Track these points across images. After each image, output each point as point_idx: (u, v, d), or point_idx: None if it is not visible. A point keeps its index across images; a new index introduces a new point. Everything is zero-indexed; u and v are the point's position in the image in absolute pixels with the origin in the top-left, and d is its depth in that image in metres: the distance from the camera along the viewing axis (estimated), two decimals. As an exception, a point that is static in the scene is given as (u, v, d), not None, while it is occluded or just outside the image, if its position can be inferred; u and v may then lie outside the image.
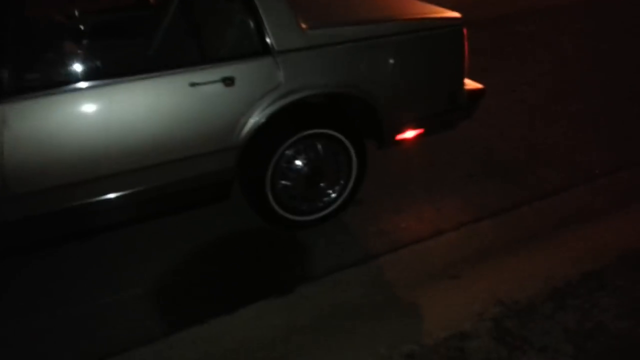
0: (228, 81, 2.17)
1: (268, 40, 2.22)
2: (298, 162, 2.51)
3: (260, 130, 2.32)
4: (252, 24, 2.21)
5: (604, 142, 3.52)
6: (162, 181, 2.21)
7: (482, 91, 2.90)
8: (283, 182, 2.52)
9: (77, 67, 2.07)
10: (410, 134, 2.78)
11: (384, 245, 2.57)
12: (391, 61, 2.50)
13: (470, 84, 2.94)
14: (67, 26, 2.42)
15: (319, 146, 2.54)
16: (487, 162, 3.29)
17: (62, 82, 1.99)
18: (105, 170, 2.07)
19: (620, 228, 2.68)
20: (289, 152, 2.46)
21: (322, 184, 2.61)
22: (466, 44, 2.71)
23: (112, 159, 2.07)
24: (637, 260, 2.45)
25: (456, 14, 2.73)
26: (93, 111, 1.99)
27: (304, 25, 2.30)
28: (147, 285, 2.32)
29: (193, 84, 2.11)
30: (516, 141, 3.53)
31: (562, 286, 2.28)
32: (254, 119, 2.27)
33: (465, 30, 2.69)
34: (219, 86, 2.16)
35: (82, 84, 1.97)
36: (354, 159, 2.62)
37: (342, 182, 2.66)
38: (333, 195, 2.64)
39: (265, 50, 2.23)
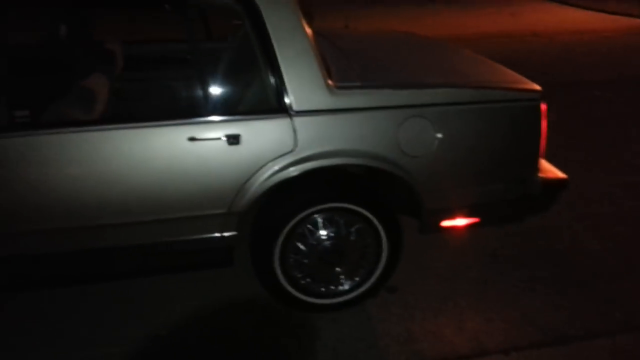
0: (232, 139, 1.92)
1: (286, 97, 1.94)
2: (315, 238, 2.17)
3: (266, 198, 2.03)
4: (269, 77, 1.94)
5: None
6: (149, 239, 2.00)
7: (564, 182, 2.32)
8: (295, 257, 2.18)
9: (71, 108, 1.97)
10: (460, 222, 2.29)
11: (407, 356, 2.09)
12: (439, 135, 2.06)
13: (549, 170, 2.38)
14: (65, 65, 2.38)
15: (341, 222, 2.17)
16: (562, 265, 2.62)
17: (54, 124, 1.87)
18: (88, 220, 1.92)
19: None
20: (303, 226, 2.12)
21: (337, 269, 2.22)
22: (544, 122, 2.18)
23: (97, 209, 1.90)
24: None
25: (535, 86, 2.23)
26: (81, 156, 1.85)
27: (332, 84, 2.00)
28: (123, 347, 2.10)
29: (192, 139, 1.89)
30: (608, 240, 2.81)
31: None
32: (259, 185, 1.98)
33: (544, 106, 2.17)
34: (222, 144, 1.91)
35: (75, 128, 1.84)
36: (384, 240, 2.21)
37: (366, 267, 2.26)
38: (346, 285, 2.24)
39: (281, 109, 1.95)
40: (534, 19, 8.84)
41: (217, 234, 2.05)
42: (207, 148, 1.91)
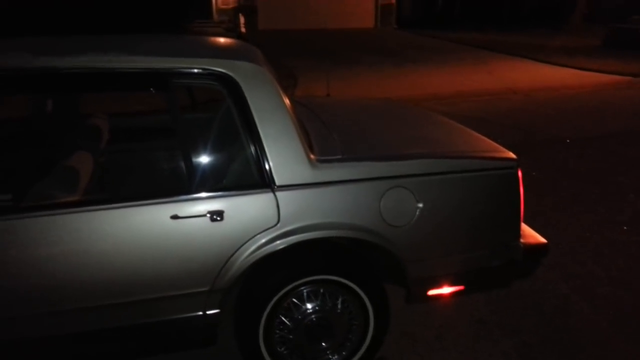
0: (216, 215, 1.92)
1: (268, 172, 1.97)
2: (301, 312, 2.14)
3: (250, 273, 2.01)
4: (252, 153, 1.97)
5: None
6: (129, 321, 1.95)
7: (545, 247, 2.34)
8: (280, 332, 2.14)
9: (54, 190, 1.97)
10: (446, 290, 2.28)
11: None
12: (419, 205, 2.09)
13: (530, 234, 2.40)
14: (49, 142, 2.40)
15: (327, 294, 2.15)
16: (553, 328, 2.60)
17: (32, 207, 1.86)
18: (70, 302, 1.87)
19: None
20: (287, 299, 2.10)
21: (323, 344, 2.18)
22: (521, 189, 2.22)
23: (78, 291, 1.86)
24: None
25: (510, 155, 2.29)
26: (64, 237, 1.82)
27: (314, 158, 2.04)
28: None
29: (175, 217, 1.89)
30: (601, 302, 2.81)
31: None
32: (243, 261, 1.96)
33: (520, 173, 2.22)
34: (205, 220, 1.92)
35: (56, 210, 1.83)
36: (371, 311, 2.18)
37: (353, 339, 2.22)
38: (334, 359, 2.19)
39: (264, 184, 1.97)
40: (511, 76, 9.16)
41: (199, 313, 2.01)
42: (190, 225, 1.91)
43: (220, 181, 2.02)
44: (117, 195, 1.97)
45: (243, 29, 12.82)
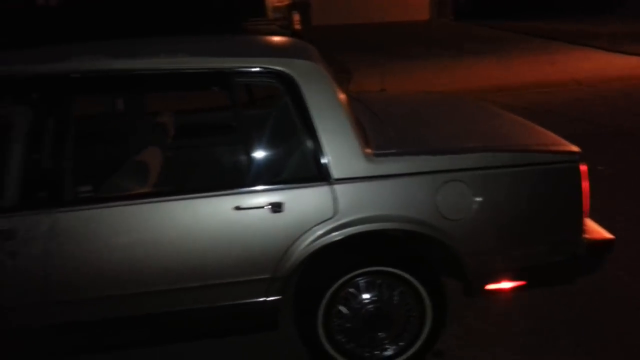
0: (276, 207, 2.01)
1: (325, 166, 2.03)
2: (358, 301, 2.19)
3: (309, 262, 2.09)
4: (309, 148, 2.04)
5: None
6: (197, 304, 2.08)
7: (610, 243, 2.26)
8: (338, 321, 2.20)
9: (127, 184, 2.12)
10: (506, 284, 2.26)
11: None
12: (478, 199, 2.09)
13: (595, 230, 2.33)
14: (123, 139, 2.57)
15: (384, 286, 2.19)
16: (615, 328, 2.49)
17: (111, 197, 2.02)
18: (141, 286, 2.02)
19: None
20: (345, 290, 2.16)
21: (381, 333, 2.22)
22: (584, 183, 2.16)
23: (148, 276, 2.01)
24: None
25: (573, 148, 2.23)
26: (136, 227, 1.98)
27: (369, 152, 2.08)
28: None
29: (237, 208, 2.00)
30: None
31: None
32: (302, 251, 2.04)
33: (584, 167, 2.16)
34: (266, 212, 2.01)
35: (129, 201, 1.98)
36: (428, 303, 2.20)
37: (410, 331, 2.24)
38: (390, 350, 2.23)
39: (322, 177, 2.03)
40: (576, 66, 8.75)
41: (261, 299, 2.10)
42: (252, 216, 2.00)
43: (280, 174, 2.10)
44: (185, 187, 2.10)
45: (298, 26, 12.96)
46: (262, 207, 2.00)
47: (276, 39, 2.64)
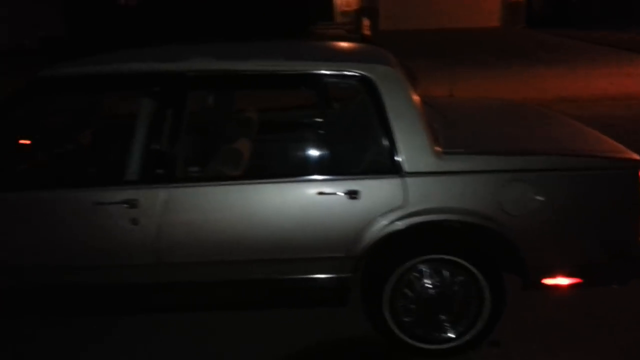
0: (353, 194, 2.29)
1: (398, 160, 2.28)
2: (422, 285, 2.42)
3: (379, 246, 2.34)
4: (385, 144, 2.30)
5: None
6: (279, 275, 2.39)
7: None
8: (403, 302, 2.45)
9: (225, 167, 2.47)
10: (562, 280, 2.41)
11: None
12: (539, 198, 2.26)
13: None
14: (219, 130, 2.95)
15: (446, 273, 2.41)
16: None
17: (214, 177, 2.39)
18: (237, 255, 2.34)
19: None
20: (410, 274, 2.40)
21: (442, 316, 2.44)
22: (645, 189, 2.28)
23: (243, 246, 2.33)
24: None
25: (634, 156, 2.35)
26: (234, 204, 2.31)
27: (439, 150, 2.31)
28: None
29: (320, 193, 2.29)
30: None
31: None
32: (374, 234, 2.30)
33: (644, 174, 2.29)
34: (344, 198, 2.29)
35: (231, 181, 2.34)
36: (487, 293, 2.40)
37: (469, 317, 2.44)
38: (449, 333, 2.44)
39: (395, 170, 2.29)
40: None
41: (334, 275, 2.39)
42: (332, 201, 2.29)
43: (358, 166, 2.38)
44: (275, 173, 2.42)
45: (367, 32, 13.24)
46: (341, 193, 2.28)
47: (358, 46, 2.94)
